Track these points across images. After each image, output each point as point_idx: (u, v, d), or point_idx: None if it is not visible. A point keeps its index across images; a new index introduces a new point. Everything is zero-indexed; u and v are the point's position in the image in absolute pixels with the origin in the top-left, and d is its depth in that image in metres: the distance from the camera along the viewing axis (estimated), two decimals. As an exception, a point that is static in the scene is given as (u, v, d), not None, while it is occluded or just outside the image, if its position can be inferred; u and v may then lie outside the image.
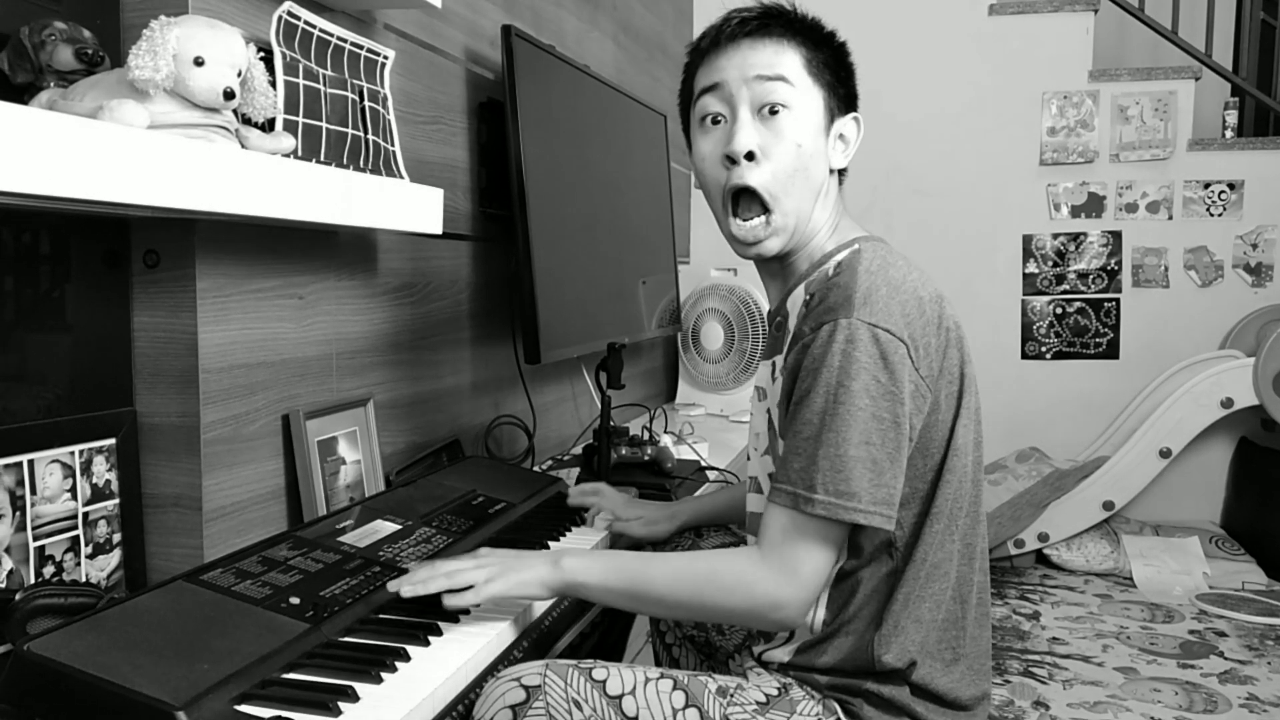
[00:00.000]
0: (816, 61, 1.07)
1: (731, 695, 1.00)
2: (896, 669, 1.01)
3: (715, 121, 1.09)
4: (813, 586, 0.98)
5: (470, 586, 1.01)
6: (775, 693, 1.03)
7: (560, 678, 0.97)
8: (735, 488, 1.43)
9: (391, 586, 1.02)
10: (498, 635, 1.02)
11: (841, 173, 1.15)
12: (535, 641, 1.10)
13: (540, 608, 1.13)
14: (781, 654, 1.09)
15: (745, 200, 1.08)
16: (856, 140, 1.13)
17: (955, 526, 1.04)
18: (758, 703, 1.01)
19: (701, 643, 1.35)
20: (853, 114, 1.12)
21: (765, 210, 1.07)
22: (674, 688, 0.99)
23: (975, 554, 1.08)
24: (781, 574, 0.97)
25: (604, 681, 0.98)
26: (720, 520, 1.43)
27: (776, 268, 1.15)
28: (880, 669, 1.02)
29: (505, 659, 1.03)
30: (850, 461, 0.94)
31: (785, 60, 1.06)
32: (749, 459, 1.17)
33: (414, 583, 1.01)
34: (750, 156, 1.05)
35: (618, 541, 1.42)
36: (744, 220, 1.08)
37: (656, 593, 1.03)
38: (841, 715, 1.03)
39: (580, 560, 1.05)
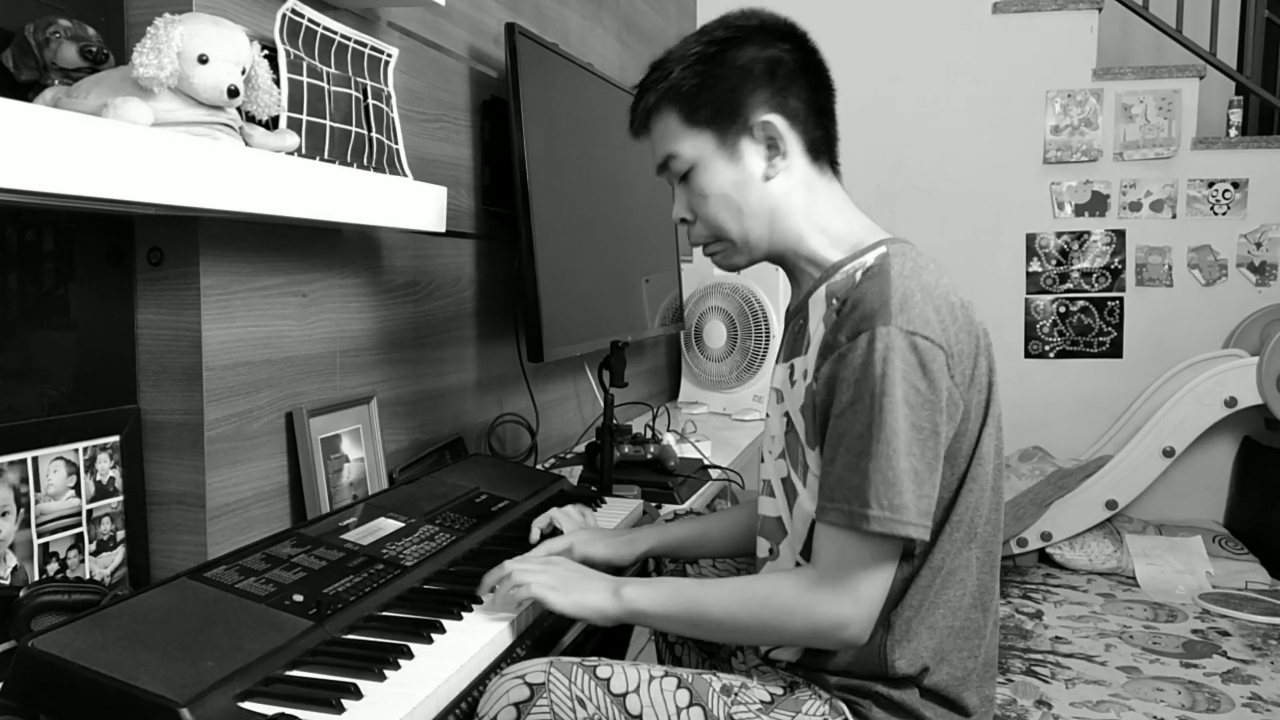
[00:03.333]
0: (690, 109, 1.09)
1: (736, 694, 1.00)
2: (908, 675, 1.01)
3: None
4: (875, 603, 0.96)
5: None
6: (780, 691, 1.03)
7: (564, 675, 0.97)
8: (701, 519, 1.36)
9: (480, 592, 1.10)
10: (501, 633, 1.02)
11: (834, 164, 1.13)
12: (539, 639, 1.10)
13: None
14: (789, 653, 1.09)
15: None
16: (788, 131, 1.07)
17: (975, 534, 1.03)
18: (762, 701, 1.00)
19: (705, 641, 1.35)
20: (761, 120, 1.06)
21: (718, 239, 1.13)
22: (678, 686, 0.99)
23: (995, 561, 1.07)
24: (842, 593, 0.95)
25: (608, 679, 0.98)
26: (683, 553, 1.35)
27: (791, 269, 1.14)
28: (892, 674, 1.01)
29: (509, 656, 1.03)
30: (900, 474, 0.92)
31: (665, 136, 1.11)
32: (762, 461, 1.16)
33: (488, 585, 1.09)
34: (684, 221, 1.15)
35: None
36: (708, 253, 1.16)
37: (715, 618, 1.03)
38: (849, 715, 1.02)
39: (641, 589, 1.06)
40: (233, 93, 0.99)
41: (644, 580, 1.09)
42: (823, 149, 1.11)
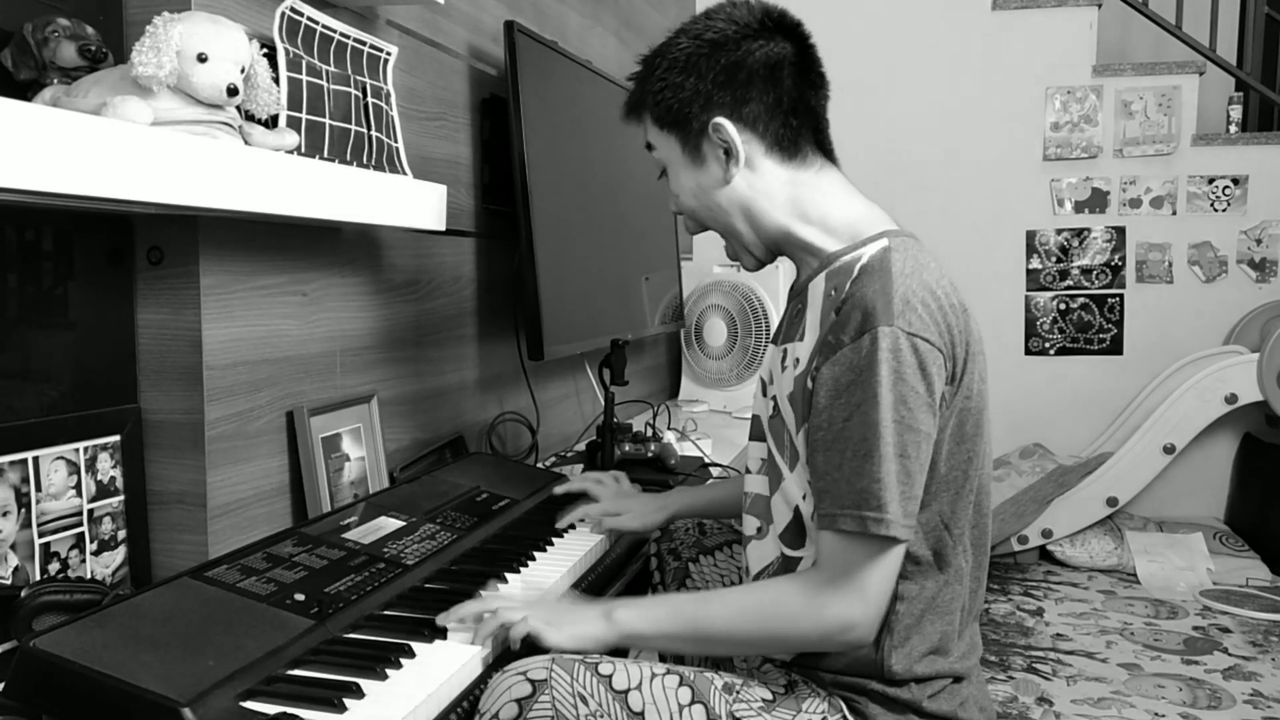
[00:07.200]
0: (659, 109, 1.11)
1: (738, 692, 1.00)
2: (904, 677, 1.01)
3: None
4: (881, 602, 0.97)
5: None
6: (781, 690, 1.03)
7: (566, 672, 0.97)
8: (727, 482, 1.41)
9: (440, 619, 1.00)
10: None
11: (826, 154, 1.11)
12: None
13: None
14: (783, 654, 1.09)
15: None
16: (740, 136, 1.06)
17: (965, 543, 1.05)
18: (764, 700, 1.01)
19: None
20: (713, 122, 1.06)
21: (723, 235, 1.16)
22: (680, 683, 0.99)
23: (984, 558, 1.08)
24: (849, 594, 0.96)
25: (610, 676, 0.98)
26: (711, 514, 1.40)
27: (790, 257, 1.13)
28: (889, 677, 1.01)
29: (510, 655, 1.02)
30: (894, 476, 0.93)
31: (646, 129, 1.14)
32: (750, 441, 1.17)
33: (462, 617, 1.00)
34: (678, 213, 1.18)
35: (620, 539, 1.42)
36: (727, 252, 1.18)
37: (719, 631, 1.02)
38: (848, 713, 1.02)
39: (634, 611, 1.04)
40: (232, 91, 0.99)
41: (637, 600, 1.07)
42: (798, 144, 1.08)
